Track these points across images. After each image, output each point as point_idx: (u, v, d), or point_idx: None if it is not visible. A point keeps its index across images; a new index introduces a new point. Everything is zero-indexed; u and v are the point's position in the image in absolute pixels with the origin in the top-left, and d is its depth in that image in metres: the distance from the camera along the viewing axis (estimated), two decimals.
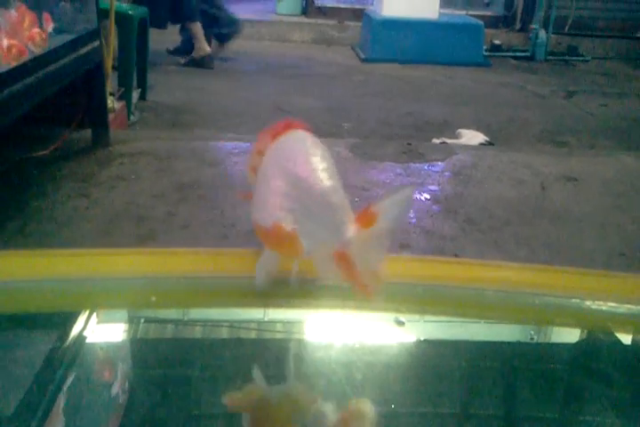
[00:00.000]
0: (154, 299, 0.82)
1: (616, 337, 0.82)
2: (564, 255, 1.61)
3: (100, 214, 1.70)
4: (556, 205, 1.93)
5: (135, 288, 0.84)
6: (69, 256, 0.91)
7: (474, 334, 0.88)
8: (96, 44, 2.09)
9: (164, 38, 5.09)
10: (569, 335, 0.88)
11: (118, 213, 1.71)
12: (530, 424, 0.70)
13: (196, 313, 0.89)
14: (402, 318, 0.83)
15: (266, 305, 0.84)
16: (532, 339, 0.85)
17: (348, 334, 0.83)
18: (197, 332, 0.87)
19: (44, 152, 2.07)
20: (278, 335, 0.86)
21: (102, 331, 0.82)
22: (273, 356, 0.77)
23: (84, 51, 1.92)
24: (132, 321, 0.86)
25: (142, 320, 0.86)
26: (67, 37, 1.76)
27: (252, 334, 0.87)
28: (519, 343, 0.86)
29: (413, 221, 1.79)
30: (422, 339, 0.84)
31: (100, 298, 0.85)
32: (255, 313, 0.89)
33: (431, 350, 0.81)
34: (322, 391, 0.70)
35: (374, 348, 0.81)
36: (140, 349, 0.81)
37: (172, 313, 0.90)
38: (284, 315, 0.87)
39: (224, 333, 0.88)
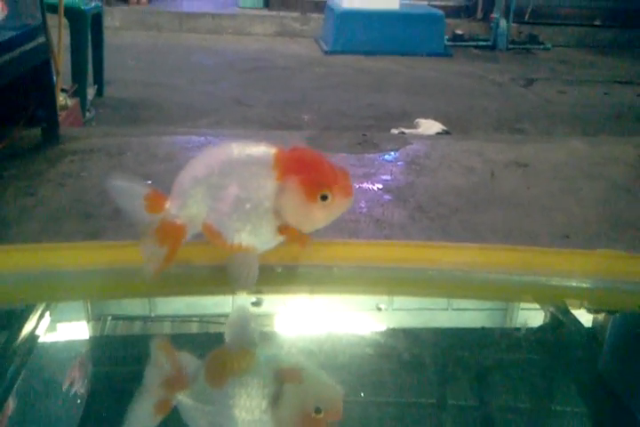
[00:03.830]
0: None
1: (577, 319, 0.83)
2: (509, 239, 1.64)
3: (47, 213, 1.69)
4: (504, 191, 1.96)
5: (91, 281, 0.83)
6: (21, 251, 0.90)
7: (442, 321, 0.89)
8: (41, 40, 2.06)
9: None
10: (532, 319, 0.89)
11: (65, 211, 1.69)
12: (502, 410, 0.71)
13: (163, 309, 0.89)
14: (381, 304, 0.85)
15: (233, 292, 0.83)
16: (497, 325, 0.87)
17: (319, 323, 0.83)
18: (166, 327, 0.86)
19: None
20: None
21: (64, 328, 0.81)
22: (243, 349, 0.77)
23: (26, 48, 1.89)
24: (99, 318, 0.85)
25: (109, 318, 0.85)
26: (4, 34, 1.73)
27: (221, 329, 0.87)
28: (484, 329, 0.87)
29: (364, 210, 1.81)
30: (391, 327, 0.85)
31: (54, 291, 0.84)
32: (223, 307, 0.89)
33: (399, 338, 0.82)
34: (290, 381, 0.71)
35: (345, 336, 0.81)
36: (104, 346, 0.80)
37: (138, 309, 0.90)
38: (253, 308, 0.86)
39: (193, 328, 0.87)
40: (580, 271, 0.85)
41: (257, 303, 0.81)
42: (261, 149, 0.70)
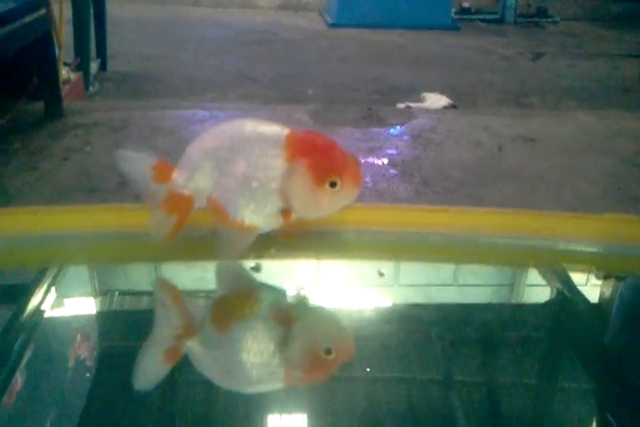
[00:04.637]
0: None
1: (583, 294, 0.82)
2: None
3: (51, 187, 1.68)
4: (511, 165, 1.94)
5: (99, 244, 0.83)
6: (28, 214, 0.89)
7: (448, 297, 0.88)
8: (42, 12, 2.03)
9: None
10: (539, 295, 0.89)
11: (69, 186, 1.69)
12: (509, 385, 0.71)
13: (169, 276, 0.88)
14: (383, 269, 0.83)
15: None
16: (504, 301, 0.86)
17: (327, 294, 0.82)
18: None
19: None
20: (254, 303, 0.85)
21: (73, 303, 0.81)
22: (252, 322, 0.77)
23: (26, 20, 1.86)
24: (105, 293, 0.84)
25: (117, 293, 0.85)
26: (4, 6, 1.71)
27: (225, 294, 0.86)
28: (492, 305, 0.86)
29: (369, 184, 1.80)
30: (396, 303, 0.84)
31: (64, 254, 0.84)
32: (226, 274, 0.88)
33: (404, 315, 0.81)
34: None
35: (350, 312, 0.80)
36: (111, 322, 0.80)
37: (144, 285, 0.89)
38: (258, 278, 0.86)
39: (200, 302, 0.87)
40: (587, 236, 0.84)
41: (256, 268, 0.81)
42: (274, 129, 0.69)
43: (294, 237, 0.76)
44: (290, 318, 0.73)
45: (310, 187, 0.68)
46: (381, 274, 0.83)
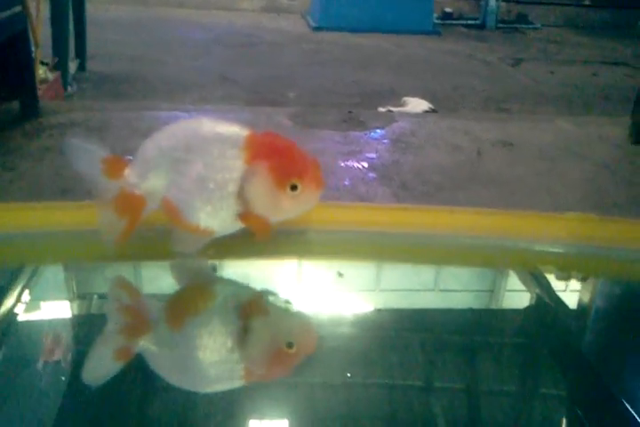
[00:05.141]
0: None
1: (561, 299, 0.82)
2: None
3: (25, 187, 1.65)
4: (490, 170, 1.95)
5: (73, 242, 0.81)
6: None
7: (428, 302, 0.87)
8: (17, 9, 1.99)
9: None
10: (519, 301, 0.88)
11: (43, 186, 1.66)
12: (490, 394, 0.70)
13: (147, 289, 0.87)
14: (342, 270, 0.82)
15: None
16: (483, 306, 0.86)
17: (289, 292, 0.81)
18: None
19: None
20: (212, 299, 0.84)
21: (48, 306, 0.79)
22: (210, 318, 0.75)
23: (0, 17, 1.83)
24: (83, 297, 0.82)
25: (95, 297, 0.83)
26: None
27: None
28: (472, 311, 0.85)
29: (348, 188, 1.79)
30: (377, 308, 0.83)
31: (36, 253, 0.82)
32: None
33: (385, 320, 0.80)
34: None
35: (327, 317, 0.79)
36: (88, 325, 0.78)
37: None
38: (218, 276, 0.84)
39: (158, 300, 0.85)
40: (551, 235, 0.83)
41: (214, 268, 0.79)
42: (233, 129, 0.67)
43: (265, 237, 0.74)
44: (250, 314, 0.71)
45: (270, 190, 0.66)
46: (340, 275, 0.82)
